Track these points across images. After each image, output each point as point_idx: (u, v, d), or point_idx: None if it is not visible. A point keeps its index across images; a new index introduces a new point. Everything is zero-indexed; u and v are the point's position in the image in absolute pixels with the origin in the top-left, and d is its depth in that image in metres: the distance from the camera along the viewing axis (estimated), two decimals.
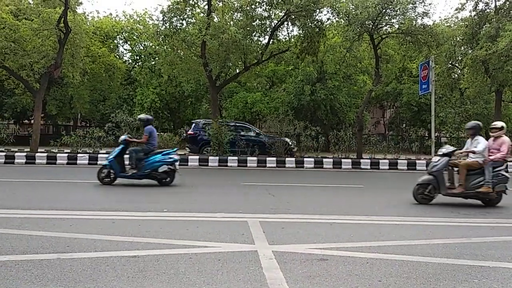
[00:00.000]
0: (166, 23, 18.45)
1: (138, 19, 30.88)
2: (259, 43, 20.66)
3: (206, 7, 18.84)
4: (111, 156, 9.90)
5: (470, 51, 18.97)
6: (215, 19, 18.67)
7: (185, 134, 20.40)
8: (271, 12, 18.90)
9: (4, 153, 16.31)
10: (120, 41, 32.40)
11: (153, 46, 26.99)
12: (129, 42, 32.13)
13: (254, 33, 19.45)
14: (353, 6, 17.52)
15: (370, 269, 4.17)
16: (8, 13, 18.68)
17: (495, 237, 5.68)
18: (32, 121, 23.39)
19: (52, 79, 21.76)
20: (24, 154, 16.34)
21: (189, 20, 19.35)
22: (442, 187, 8.27)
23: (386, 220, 6.70)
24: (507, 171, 8.31)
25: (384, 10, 17.24)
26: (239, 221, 6.21)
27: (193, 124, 19.65)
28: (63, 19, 17.90)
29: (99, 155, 16.34)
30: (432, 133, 19.67)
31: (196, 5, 19.27)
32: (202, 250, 4.67)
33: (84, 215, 6.43)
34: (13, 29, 18.38)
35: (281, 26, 19.96)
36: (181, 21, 18.77)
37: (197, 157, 16.89)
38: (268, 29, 19.38)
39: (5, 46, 18.03)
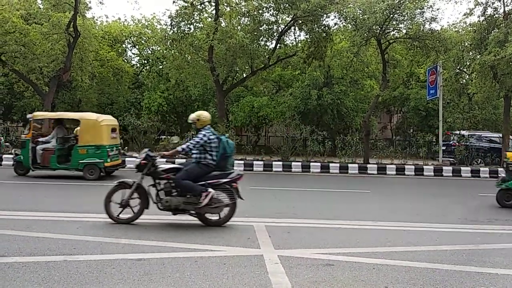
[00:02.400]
0: (174, 28, 18.59)
1: (146, 23, 31.08)
2: (266, 47, 20.71)
3: (214, 12, 18.95)
4: None
5: (478, 56, 18.82)
6: (223, 24, 18.76)
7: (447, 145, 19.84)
8: (278, 17, 18.97)
9: (13, 156, 16.44)
10: (128, 45, 32.61)
11: (161, 51, 27.13)
12: (137, 46, 32.36)
13: (261, 38, 19.51)
14: (361, 11, 17.50)
15: (377, 275, 4.14)
16: (19, 17, 18.91)
17: (503, 244, 5.62)
18: None
19: (61, 83, 21.97)
20: None
21: (197, 24, 19.47)
22: None
23: (393, 225, 6.66)
24: None
25: (391, 15, 17.20)
26: (245, 225, 6.20)
27: (455, 136, 19.85)
28: (72, 23, 18.11)
29: None
30: (439, 138, 19.52)
31: (203, 10, 19.40)
32: (208, 254, 4.67)
33: (90, 218, 6.47)
34: (23, 33, 18.61)
35: (288, 31, 20.01)
36: (188, 26, 18.90)
37: None
38: (275, 34, 19.44)
39: (15, 50, 18.26)
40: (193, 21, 18.88)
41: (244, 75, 22.87)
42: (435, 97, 20.36)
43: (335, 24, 20.02)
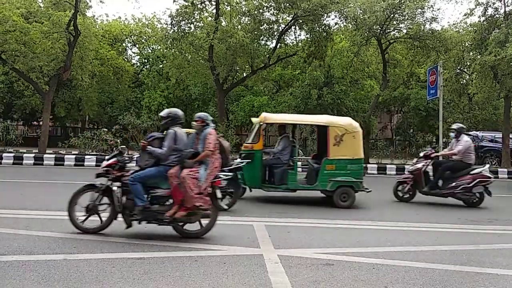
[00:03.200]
0: (174, 27, 18.59)
1: (146, 22, 31.08)
2: (267, 47, 20.70)
3: (214, 11, 18.95)
4: None
5: (478, 57, 18.82)
6: (223, 23, 18.77)
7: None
8: (278, 16, 18.97)
9: (13, 154, 16.46)
10: (129, 44, 32.64)
11: (161, 50, 27.16)
12: (137, 45, 32.37)
13: (261, 37, 19.52)
14: (361, 11, 17.50)
15: (376, 274, 4.15)
16: (19, 16, 18.90)
17: (503, 244, 5.63)
18: (41, 123, 23.59)
19: (61, 81, 21.96)
20: (33, 155, 16.48)
21: (197, 24, 19.47)
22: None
23: (393, 225, 6.66)
24: None
25: (392, 15, 17.20)
26: (245, 225, 6.20)
27: (471, 136, 20.05)
28: (72, 22, 18.10)
29: (106, 157, 16.42)
30: (440, 138, 19.52)
31: (204, 9, 19.40)
32: (208, 253, 4.68)
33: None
34: (24, 32, 18.60)
35: (289, 31, 20.01)
36: (189, 25, 18.90)
37: None
38: (275, 33, 19.44)
39: (16, 49, 18.26)
40: (193, 20, 18.88)
41: (244, 75, 22.88)
42: (435, 97, 20.31)
43: (336, 23, 20.03)
